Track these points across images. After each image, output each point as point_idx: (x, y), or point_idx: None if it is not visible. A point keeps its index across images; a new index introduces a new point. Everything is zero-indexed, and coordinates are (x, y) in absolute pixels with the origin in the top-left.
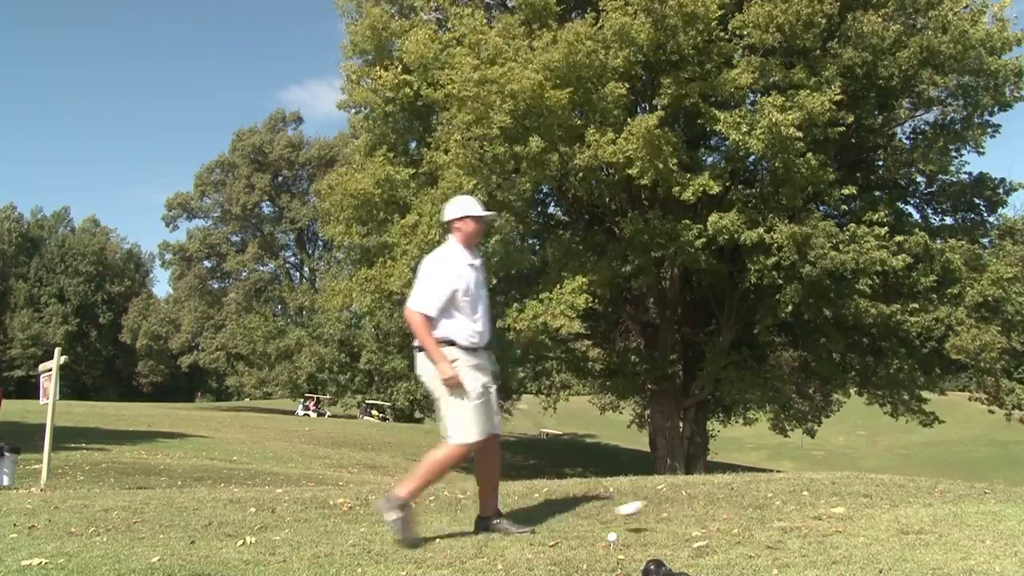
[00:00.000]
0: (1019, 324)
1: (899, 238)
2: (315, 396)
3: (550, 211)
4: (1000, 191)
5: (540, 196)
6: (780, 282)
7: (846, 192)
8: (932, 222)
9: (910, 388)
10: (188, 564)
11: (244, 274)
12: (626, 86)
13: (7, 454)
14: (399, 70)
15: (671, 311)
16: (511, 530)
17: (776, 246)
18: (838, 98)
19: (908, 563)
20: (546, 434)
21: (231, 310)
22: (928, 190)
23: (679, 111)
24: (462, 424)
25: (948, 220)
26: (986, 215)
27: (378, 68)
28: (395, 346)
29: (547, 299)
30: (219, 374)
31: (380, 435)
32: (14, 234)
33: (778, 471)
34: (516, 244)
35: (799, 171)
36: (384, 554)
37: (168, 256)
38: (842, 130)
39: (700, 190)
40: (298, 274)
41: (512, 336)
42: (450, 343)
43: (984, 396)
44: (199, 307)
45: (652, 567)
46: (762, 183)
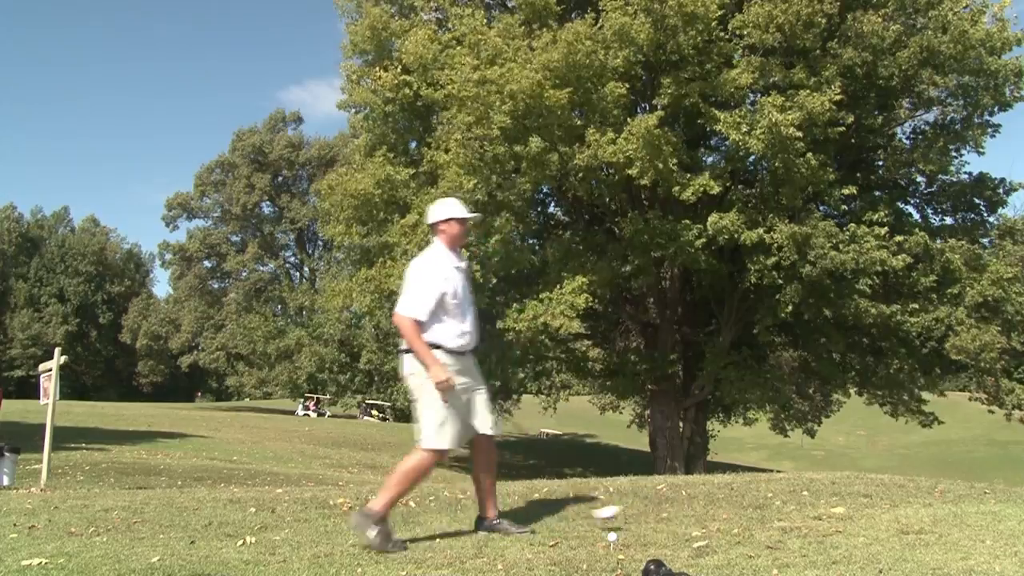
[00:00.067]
0: (1019, 324)
1: (899, 238)
2: (315, 396)
3: (550, 211)
4: (1000, 191)
5: (540, 196)
6: (780, 282)
7: (846, 192)
8: (932, 222)
9: (910, 388)
10: (188, 564)
11: (244, 274)
12: (626, 86)
13: (7, 454)
14: (399, 70)
15: (671, 311)
16: (511, 530)
17: (776, 246)
18: (838, 98)
19: (908, 563)
20: (546, 434)
21: (231, 310)
22: (928, 190)
23: (679, 111)
24: (438, 430)
25: (948, 220)
26: (986, 215)
27: (378, 68)
28: (395, 346)
29: (547, 299)
30: (219, 374)
31: (380, 435)
32: (14, 234)
33: (778, 471)
34: (516, 244)
35: (799, 171)
36: (384, 554)
37: (168, 256)
38: (842, 130)
39: (700, 190)
40: (298, 274)
41: (512, 336)
42: (436, 347)
43: (984, 396)
44: (199, 307)
45: (652, 567)
46: (762, 183)
